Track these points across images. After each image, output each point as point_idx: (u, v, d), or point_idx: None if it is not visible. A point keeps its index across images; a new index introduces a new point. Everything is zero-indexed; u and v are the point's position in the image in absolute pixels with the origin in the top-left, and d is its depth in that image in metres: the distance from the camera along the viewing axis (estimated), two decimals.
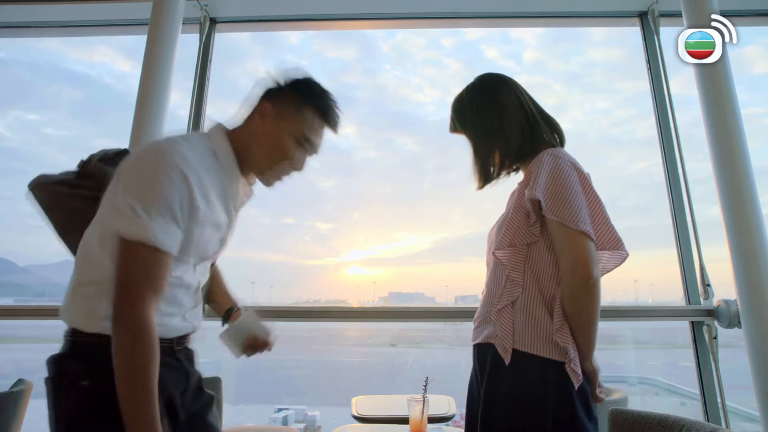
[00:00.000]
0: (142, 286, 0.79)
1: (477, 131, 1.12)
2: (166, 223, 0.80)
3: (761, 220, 1.67)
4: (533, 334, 0.96)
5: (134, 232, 0.78)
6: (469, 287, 10.74)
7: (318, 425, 7.11)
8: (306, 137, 0.97)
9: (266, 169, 0.99)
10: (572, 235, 0.94)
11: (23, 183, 0.97)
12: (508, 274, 1.02)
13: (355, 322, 1.99)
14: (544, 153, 1.03)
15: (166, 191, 0.80)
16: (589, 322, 0.94)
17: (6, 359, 7.27)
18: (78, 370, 0.81)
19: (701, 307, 1.84)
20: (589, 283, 0.92)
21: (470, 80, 1.17)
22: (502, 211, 1.26)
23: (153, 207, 0.79)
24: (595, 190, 1.01)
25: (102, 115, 52.89)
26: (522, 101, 1.11)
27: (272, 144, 0.96)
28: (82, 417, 0.79)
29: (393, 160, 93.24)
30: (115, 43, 4.69)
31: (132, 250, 0.79)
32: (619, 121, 38.90)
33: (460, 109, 1.16)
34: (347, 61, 72.04)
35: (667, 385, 5.30)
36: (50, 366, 0.84)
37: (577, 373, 0.92)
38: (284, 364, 11.53)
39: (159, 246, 0.79)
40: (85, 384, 0.80)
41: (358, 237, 53.11)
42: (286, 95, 0.98)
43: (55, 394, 0.82)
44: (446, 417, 1.65)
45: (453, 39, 24.91)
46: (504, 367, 0.96)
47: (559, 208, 0.95)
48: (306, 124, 0.97)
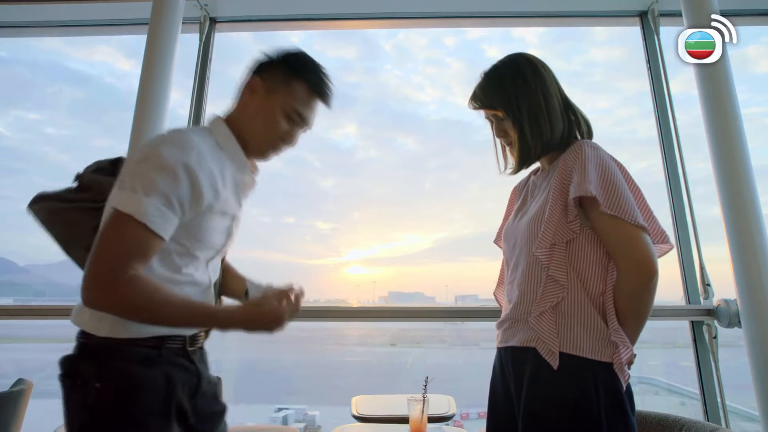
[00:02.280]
0: (123, 256, 0.77)
1: (521, 111, 1.02)
2: (162, 206, 0.79)
3: (761, 220, 1.67)
4: (584, 336, 0.92)
5: (126, 205, 0.78)
6: (469, 287, 10.74)
7: (318, 425, 7.12)
8: (297, 111, 0.96)
9: (261, 145, 0.97)
10: (631, 230, 0.90)
11: (24, 182, 0.99)
12: (550, 274, 0.95)
13: (355, 322, 1.99)
14: (583, 144, 0.97)
15: (167, 178, 0.80)
16: (644, 317, 0.93)
17: (6, 359, 7.29)
18: (90, 371, 0.81)
19: (701, 306, 1.84)
20: (654, 281, 0.90)
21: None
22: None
23: (150, 189, 0.79)
24: (635, 182, 0.98)
25: (102, 115, 53.08)
26: (560, 88, 1.06)
27: (263, 119, 0.95)
28: (96, 418, 0.80)
29: (394, 159, 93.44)
30: (116, 42, 4.65)
31: (120, 220, 0.78)
32: (620, 121, 38.92)
33: (497, 84, 1.05)
34: (348, 61, 72.17)
35: (667, 384, 5.30)
36: (63, 365, 0.85)
37: (624, 371, 0.90)
38: (284, 364, 11.54)
39: (147, 224, 0.78)
40: (97, 386, 0.80)
41: (359, 237, 53.09)
42: (276, 69, 0.97)
43: (70, 393, 0.83)
44: (446, 416, 1.65)
45: (455, 38, 24.96)
46: (550, 371, 0.91)
47: (616, 202, 0.91)
48: (296, 98, 0.95)
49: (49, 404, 1.27)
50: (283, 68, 0.96)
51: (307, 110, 0.98)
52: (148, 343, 0.85)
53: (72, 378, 0.82)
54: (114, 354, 0.81)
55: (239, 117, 0.98)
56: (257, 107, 0.96)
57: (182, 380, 0.88)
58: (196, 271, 0.91)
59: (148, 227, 0.78)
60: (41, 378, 1.77)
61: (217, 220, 0.91)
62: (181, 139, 0.84)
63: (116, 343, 0.81)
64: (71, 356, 0.85)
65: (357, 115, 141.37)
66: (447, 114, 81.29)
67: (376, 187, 76.37)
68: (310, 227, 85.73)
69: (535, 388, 0.92)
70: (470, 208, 70.24)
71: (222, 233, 0.94)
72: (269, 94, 0.95)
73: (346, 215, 77.23)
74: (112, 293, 0.77)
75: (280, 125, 0.96)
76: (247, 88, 0.97)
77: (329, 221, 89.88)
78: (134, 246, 0.78)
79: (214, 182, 0.87)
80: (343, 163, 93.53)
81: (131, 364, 0.82)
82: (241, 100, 0.98)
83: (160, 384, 0.84)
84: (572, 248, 0.96)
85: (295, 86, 0.95)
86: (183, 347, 0.90)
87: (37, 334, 8.44)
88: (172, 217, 0.81)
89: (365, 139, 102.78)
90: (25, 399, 1.60)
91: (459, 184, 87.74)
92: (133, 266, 0.78)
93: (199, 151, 0.84)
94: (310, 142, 1.06)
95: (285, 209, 65.67)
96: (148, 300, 0.78)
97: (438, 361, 12.16)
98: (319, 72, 0.98)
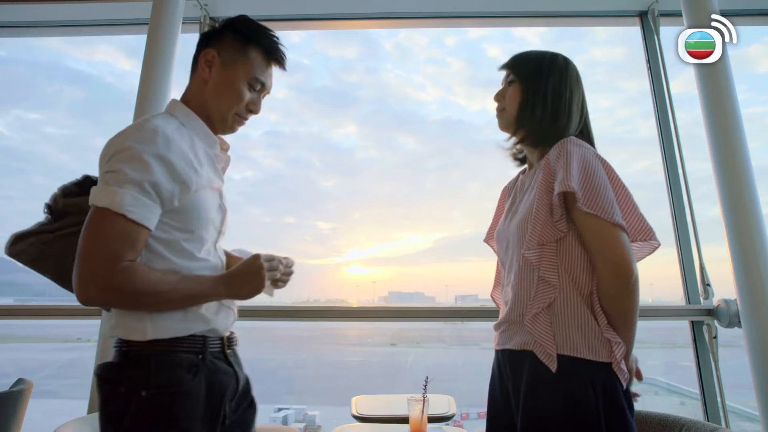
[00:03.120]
0: (111, 249, 0.77)
1: (547, 88, 1.03)
2: (137, 194, 0.79)
3: (761, 220, 1.67)
4: (579, 336, 0.91)
5: (101, 200, 0.78)
6: (469, 287, 10.74)
7: (318, 425, 7.12)
8: (257, 79, 0.97)
9: (226, 116, 0.97)
10: (607, 229, 0.89)
11: (24, 182, 0.98)
12: (541, 275, 0.95)
13: (355, 322, 1.99)
14: (567, 142, 0.97)
15: (137, 166, 0.79)
16: (631, 318, 0.91)
17: (6, 359, 7.30)
18: (136, 379, 0.81)
19: (701, 306, 1.84)
20: (630, 282, 0.88)
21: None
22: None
23: (123, 180, 0.78)
24: (621, 179, 0.97)
25: (103, 114, 52.93)
26: (584, 99, 1.09)
27: (226, 91, 0.95)
28: (141, 425, 0.79)
29: (394, 159, 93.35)
30: (117, 41, 4.64)
31: (99, 215, 0.78)
32: (622, 120, 38.84)
33: (538, 60, 1.06)
34: (349, 60, 72.08)
35: (667, 384, 5.30)
36: (104, 372, 0.85)
37: (623, 371, 0.89)
38: (284, 364, 11.54)
39: (126, 213, 0.77)
40: (143, 394, 0.80)
41: (359, 236, 53.04)
42: (227, 39, 0.97)
43: (110, 398, 0.82)
44: (446, 416, 1.65)
45: (455, 38, 24.92)
46: (548, 374, 0.90)
47: (593, 200, 0.90)
48: (254, 67, 0.96)
49: (49, 404, 1.27)
50: (234, 37, 0.97)
51: (266, 76, 0.99)
52: (190, 346, 0.86)
53: (114, 384, 0.82)
54: (159, 361, 0.82)
55: (198, 93, 0.96)
56: (216, 80, 0.95)
57: (224, 385, 0.90)
58: (209, 255, 0.92)
59: (127, 217, 0.77)
60: (41, 378, 1.77)
61: (208, 195, 0.91)
62: (145, 127, 0.83)
63: (160, 350, 0.82)
64: (113, 363, 0.85)
65: (358, 115, 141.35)
66: (448, 114, 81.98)
67: (377, 186, 76.32)
68: (311, 227, 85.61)
69: (534, 391, 0.91)
70: (471, 208, 70.37)
71: (216, 209, 0.94)
72: (227, 66, 0.95)
73: (346, 215, 77.21)
74: (108, 286, 0.77)
75: (244, 95, 0.96)
76: (203, 62, 0.95)
77: (330, 221, 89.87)
78: (118, 237, 0.78)
79: (189, 160, 0.86)
80: (343, 162, 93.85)
81: (177, 371, 0.83)
82: (196, 75, 0.97)
83: (204, 390, 0.85)
84: (562, 247, 0.96)
85: (252, 54, 0.96)
86: (221, 350, 0.91)
87: (37, 334, 8.45)
88: (149, 203, 0.80)
89: (366, 138, 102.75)
90: (25, 399, 1.60)
91: (459, 184, 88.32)
92: (122, 257, 0.78)
93: (164, 134, 0.83)
94: (310, 141, 1.06)
95: (285, 209, 65.79)
96: (145, 282, 0.79)
97: (438, 361, 12.17)
98: (271, 36, 0.99)
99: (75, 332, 7.86)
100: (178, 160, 0.83)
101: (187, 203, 0.86)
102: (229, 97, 0.95)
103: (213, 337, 0.90)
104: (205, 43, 0.98)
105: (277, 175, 59.74)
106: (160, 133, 0.83)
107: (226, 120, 0.97)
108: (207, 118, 0.96)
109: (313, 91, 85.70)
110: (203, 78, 0.96)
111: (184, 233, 0.87)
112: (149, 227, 0.81)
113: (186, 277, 0.86)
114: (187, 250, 0.88)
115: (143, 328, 0.83)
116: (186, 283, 0.85)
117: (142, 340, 0.83)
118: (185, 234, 0.87)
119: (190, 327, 0.86)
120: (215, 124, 0.97)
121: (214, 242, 0.95)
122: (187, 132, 0.92)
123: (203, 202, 0.89)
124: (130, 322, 0.84)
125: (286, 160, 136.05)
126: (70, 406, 2.03)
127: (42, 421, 1.87)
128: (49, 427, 1.16)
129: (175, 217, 0.85)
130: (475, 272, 16.86)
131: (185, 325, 0.86)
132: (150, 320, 0.83)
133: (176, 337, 0.84)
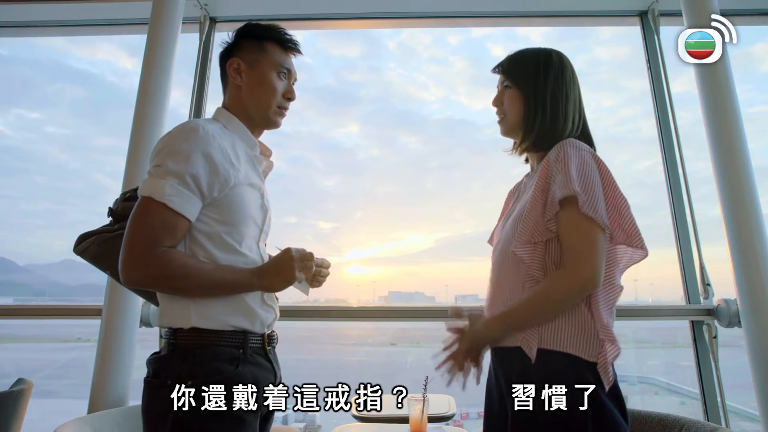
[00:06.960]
0: (151, 235, 0.84)
1: (545, 93, 1.03)
2: (177, 185, 0.85)
3: (761, 220, 1.67)
4: (570, 332, 0.91)
5: (145, 190, 0.86)
6: (470, 287, 10.72)
7: (318, 424, 7.12)
8: (283, 66, 1.05)
9: (267, 111, 1.04)
10: (596, 234, 0.90)
11: (24, 182, 0.99)
12: (530, 273, 0.96)
13: (355, 322, 1.99)
14: (566, 145, 0.97)
15: (179, 160, 0.86)
16: (543, 313, 0.92)
17: (6, 359, 7.29)
18: (182, 370, 0.86)
19: (701, 306, 1.84)
20: (582, 291, 0.90)
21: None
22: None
23: (165, 173, 0.86)
24: (616, 183, 0.96)
25: (104, 114, 52.80)
26: (581, 98, 1.08)
27: (260, 86, 1.02)
28: (192, 415, 0.83)
29: (396, 158, 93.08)
30: (118, 40, 4.65)
31: (143, 203, 0.86)
32: (624, 120, 38.73)
33: (533, 63, 1.05)
34: (352, 59, 71.96)
35: (667, 384, 5.30)
36: (153, 364, 0.91)
37: (609, 372, 0.89)
38: (284, 364, 11.50)
39: (166, 203, 0.84)
40: (189, 383, 0.84)
41: (360, 236, 52.94)
42: (243, 45, 1.04)
43: (155, 392, 0.87)
44: (446, 416, 1.65)
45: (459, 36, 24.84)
46: (535, 370, 0.91)
47: (593, 203, 0.91)
48: (275, 57, 1.04)
49: (49, 404, 1.27)
50: (250, 40, 1.04)
51: (289, 63, 1.07)
52: (232, 340, 0.91)
53: (161, 377, 0.87)
54: (204, 353, 0.87)
55: (236, 98, 1.04)
56: (248, 81, 1.03)
57: (265, 379, 0.95)
58: (249, 251, 0.97)
59: (168, 206, 0.85)
60: (41, 378, 1.77)
61: (247, 192, 0.96)
62: (189, 126, 0.91)
63: (205, 343, 0.88)
64: (162, 356, 0.90)
65: (360, 114, 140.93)
66: (450, 113, 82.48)
67: (379, 186, 76.22)
68: (312, 227, 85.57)
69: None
70: (472, 208, 70.23)
71: (257, 208, 1.00)
72: (253, 66, 1.03)
73: (347, 215, 77.15)
74: (146, 269, 0.84)
75: (277, 85, 1.03)
76: (231, 72, 1.03)
77: (331, 221, 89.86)
78: (158, 224, 0.85)
79: (228, 156, 0.92)
80: (345, 162, 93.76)
81: (221, 363, 0.88)
82: (229, 85, 1.05)
83: (248, 382, 0.89)
84: (552, 247, 0.96)
85: (269, 48, 1.04)
86: (262, 346, 0.97)
87: (37, 334, 8.45)
88: (190, 196, 0.87)
89: (367, 138, 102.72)
90: (25, 399, 1.60)
91: (461, 184, 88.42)
92: (161, 242, 0.85)
93: (205, 131, 0.90)
94: (312, 141, 1.08)
95: (286, 209, 65.64)
96: (180, 267, 0.86)
97: (438, 361, 12.14)
98: (280, 29, 1.06)
99: (75, 332, 7.87)
100: (217, 155, 0.90)
101: (227, 197, 0.92)
102: (265, 91, 1.02)
103: (254, 333, 0.95)
104: (227, 56, 1.05)
105: (278, 175, 59.96)
106: (200, 130, 0.90)
107: (267, 114, 1.04)
108: (248, 118, 1.03)
109: (316, 90, 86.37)
110: (236, 84, 1.03)
111: (225, 226, 0.93)
112: (188, 217, 0.87)
113: (221, 267, 0.91)
114: (227, 242, 0.93)
115: (188, 315, 0.88)
116: (221, 272, 0.90)
117: (185, 327, 0.88)
118: (226, 227, 0.93)
119: (232, 321, 0.91)
120: (259, 122, 1.05)
121: (255, 239, 1.00)
122: (229, 133, 0.99)
123: (243, 198, 0.95)
124: (175, 310, 0.90)
125: (287, 160, 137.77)
126: (70, 406, 2.02)
127: (42, 421, 1.87)
128: (49, 427, 1.16)
129: (216, 210, 0.92)
130: (476, 272, 16.83)
131: (227, 317, 0.91)
132: (194, 308, 0.89)
133: (219, 330, 0.90)
